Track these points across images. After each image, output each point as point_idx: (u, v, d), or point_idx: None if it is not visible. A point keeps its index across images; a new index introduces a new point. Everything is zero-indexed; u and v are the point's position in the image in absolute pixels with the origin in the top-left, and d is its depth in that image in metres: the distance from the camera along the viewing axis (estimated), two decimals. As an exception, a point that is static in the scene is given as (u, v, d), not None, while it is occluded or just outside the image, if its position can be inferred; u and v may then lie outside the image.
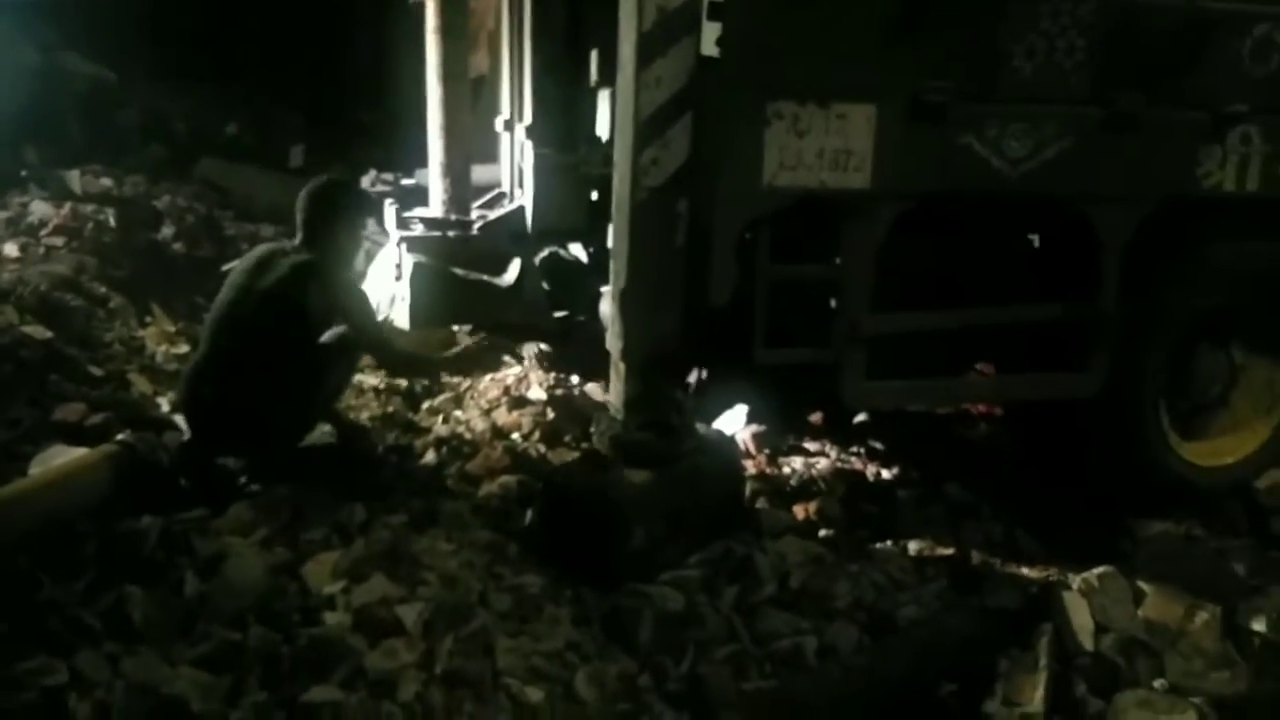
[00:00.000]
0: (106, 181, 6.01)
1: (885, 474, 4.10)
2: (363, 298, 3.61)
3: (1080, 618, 3.09)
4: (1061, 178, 3.38)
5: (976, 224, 3.58)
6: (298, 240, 3.51)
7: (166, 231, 5.93)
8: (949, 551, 3.51)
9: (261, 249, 3.63)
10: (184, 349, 4.70)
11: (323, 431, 3.81)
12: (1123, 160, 3.43)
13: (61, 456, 3.32)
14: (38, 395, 3.83)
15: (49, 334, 4.18)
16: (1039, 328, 3.65)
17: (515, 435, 3.99)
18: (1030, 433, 4.08)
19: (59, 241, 5.11)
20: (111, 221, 5.48)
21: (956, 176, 3.29)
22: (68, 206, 5.43)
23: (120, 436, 3.38)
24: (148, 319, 5.10)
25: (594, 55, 3.90)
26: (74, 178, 5.79)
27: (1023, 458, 4.14)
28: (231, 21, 8.64)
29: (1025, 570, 3.47)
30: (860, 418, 4.45)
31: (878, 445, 4.31)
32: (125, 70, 7.75)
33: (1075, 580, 3.28)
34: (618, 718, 2.56)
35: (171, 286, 5.50)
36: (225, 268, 5.20)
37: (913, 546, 3.53)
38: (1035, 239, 3.89)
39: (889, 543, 3.53)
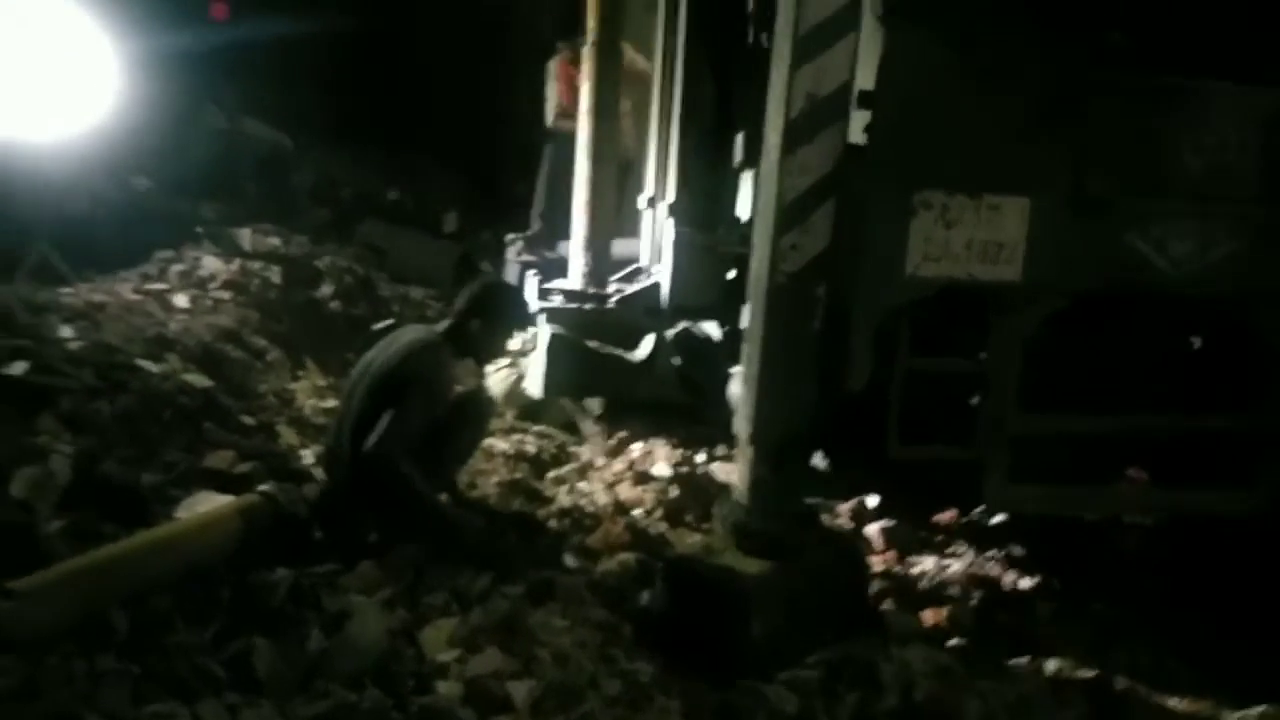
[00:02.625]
0: (275, 240, 6.36)
1: (1024, 583, 3.87)
2: (419, 411, 3.38)
3: (1241, 762, 2.83)
4: (1229, 280, 3.19)
5: (1134, 324, 3.40)
6: (444, 323, 3.59)
7: (325, 289, 6.21)
8: (1090, 674, 3.27)
9: (406, 326, 3.75)
10: (331, 403, 4.88)
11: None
12: (1298, 264, 3.21)
13: (207, 503, 3.46)
14: (192, 441, 4.01)
15: (208, 383, 4.39)
16: (1200, 436, 3.42)
17: (637, 511, 3.96)
18: (1187, 547, 3.81)
19: (225, 295, 5.41)
20: (276, 278, 5.78)
21: (1115, 274, 3.14)
22: (237, 262, 5.76)
23: (263, 487, 3.49)
24: (300, 373, 5.33)
25: (739, 138, 3.93)
26: (245, 235, 6.16)
27: (1179, 574, 3.85)
28: (400, 94, 9.13)
29: (1174, 702, 3.20)
30: (998, 518, 4.25)
31: (1017, 550, 4.08)
32: (300, 136, 8.26)
33: (1233, 718, 3.01)
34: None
35: (326, 342, 5.75)
36: (376, 327, 5.42)
37: (1051, 665, 3.30)
38: (1197, 341, 3.67)
39: (1025, 659, 3.31)
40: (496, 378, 5.01)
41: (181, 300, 5.21)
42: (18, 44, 5.55)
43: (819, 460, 4.28)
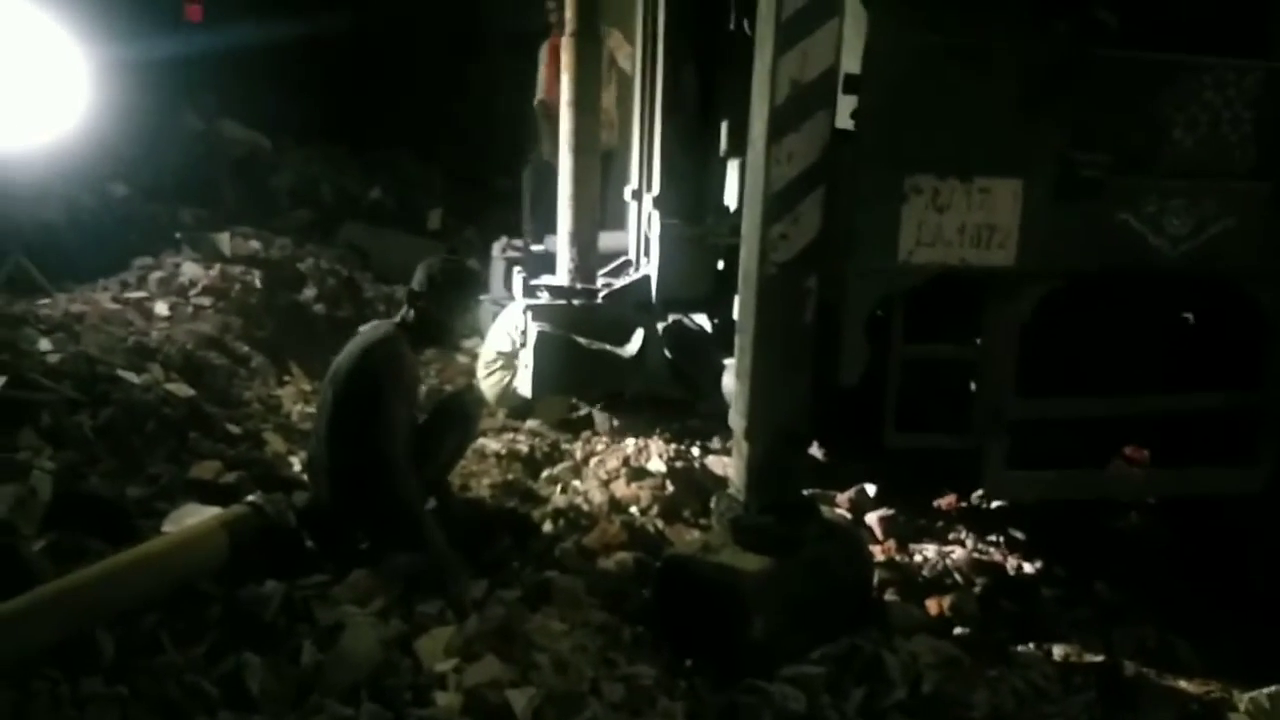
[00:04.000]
0: (255, 244, 6.28)
1: (1027, 567, 3.83)
2: (391, 408, 3.30)
3: (1249, 743, 2.80)
4: (1226, 256, 3.15)
5: (1130, 304, 3.36)
6: (400, 313, 3.52)
7: (309, 292, 6.13)
8: (1098, 659, 3.23)
9: (368, 324, 3.67)
10: (317, 408, 4.81)
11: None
12: (1296, 239, 3.17)
13: (194, 516, 3.39)
14: (177, 452, 3.94)
15: (191, 392, 4.32)
16: (1200, 415, 3.38)
17: (633, 509, 3.90)
18: (1189, 527, 3.77)
19: (206, 301, 5.34)
20: (257, 282, 5.71)
21: (1110, 255, 3.10)
22: (217, 268, 5.68)
23: (250, 498, 3.42)
24: (286, 378, 5.26)
25: (724, 126, 3.87)
26: (224, 240, 6.07)
27: (1182, 554, 3.82)
28: (381, 93, 9.03)
29: (1184, 684, 3.17)
30: (998, 502, 4.21)
31: (1018, 534, 4.04)
32: (279, 137, 8.15)
33: (1242, 699, 3.01)
34: (731, 827, 2.41)
35: (311, 346, 5.67)
36: (362, 329, 5.35)
37: (1058, 651, 3.26)
38: (1193, 319, 3.63)
39: (1031, 646, 3.27)
40: (489, 381, 4.93)
41: (162, 308, 5.13)
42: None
43: (816, 451, 4.25)
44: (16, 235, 5.64)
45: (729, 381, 3.51)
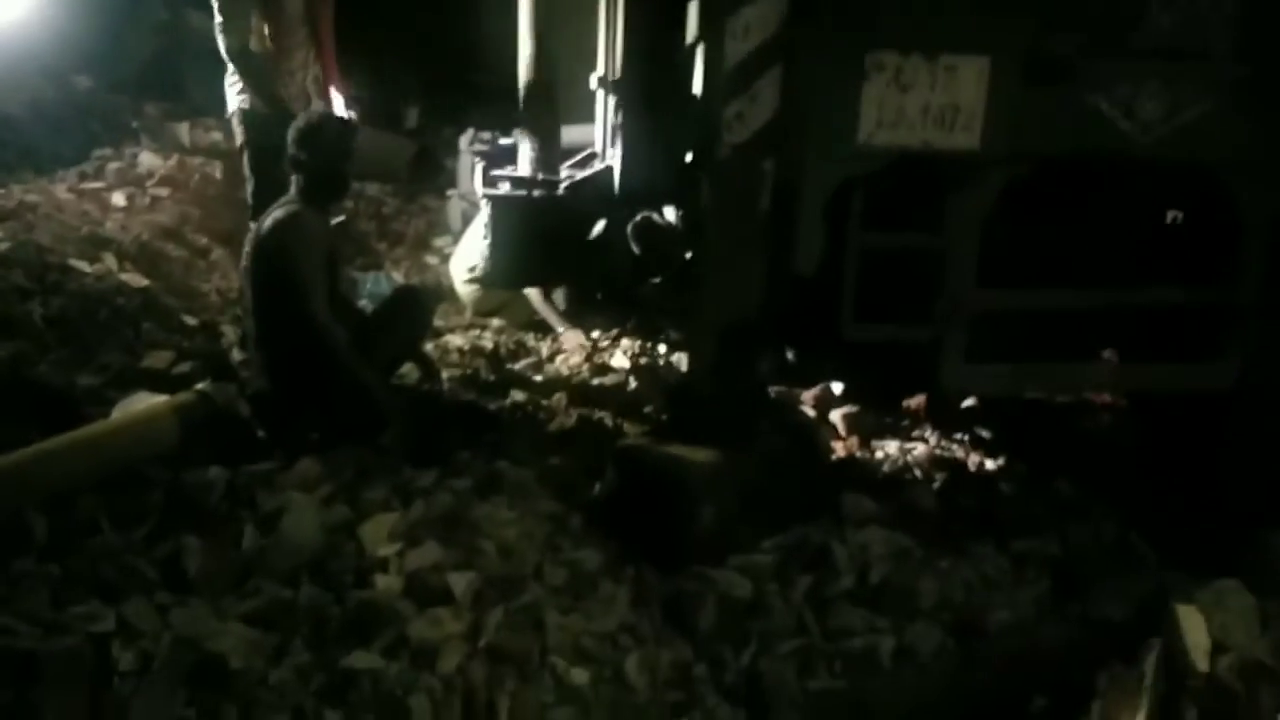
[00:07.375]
0: (216, 135, 6.11)
1: (989, 464, 3.80)
2: (310, 264, 3.28)
3: (1195, 635, 2.77)
4: (1200, 144, 3.03)
5: (1099, 193, 3.26)
6: (292, 185, 3.42)
7: (273, 186, 5.99)
8: (1052, 553, 3.21)
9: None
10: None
11: (400, 379, 3.77)
12: (1274, 127, 3.05)
13: (143, 403, 3.34)
14: (130, 342, 3.88)
15: (146, 282, 4.24)
16: (1168, 311, 3.31)
17: (593, 405, 3.85)
18: (1155, 426, 3.73)
19: (164, 192, 5.21)
20: (217, 174, 5.56)
21: (1080, 139, 2.98)
22: (175, 158, 5.53)
23: (199, 386, 3.37)
24: (247, 271, 5.16)
25: (692, 9, 3.70)
26: (184, 130, 5.90)
27: (1145, 453, 3.79)
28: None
29: (1136, 579, 3.15)
30: (968, 402, 4.16)
31: (983, 433, 4.00)
32: (248, 29, 7.86)
33: (1194, 593, 2.96)
34: (667, 708, 2.41)
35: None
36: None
37: (1014, 547, 3.23)
38: (1167, 212, 3.53)
39: (986, 540, 3.24)
40: (470, 288, 4.83)
41: (118, 199, 5.01)
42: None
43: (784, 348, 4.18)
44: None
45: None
